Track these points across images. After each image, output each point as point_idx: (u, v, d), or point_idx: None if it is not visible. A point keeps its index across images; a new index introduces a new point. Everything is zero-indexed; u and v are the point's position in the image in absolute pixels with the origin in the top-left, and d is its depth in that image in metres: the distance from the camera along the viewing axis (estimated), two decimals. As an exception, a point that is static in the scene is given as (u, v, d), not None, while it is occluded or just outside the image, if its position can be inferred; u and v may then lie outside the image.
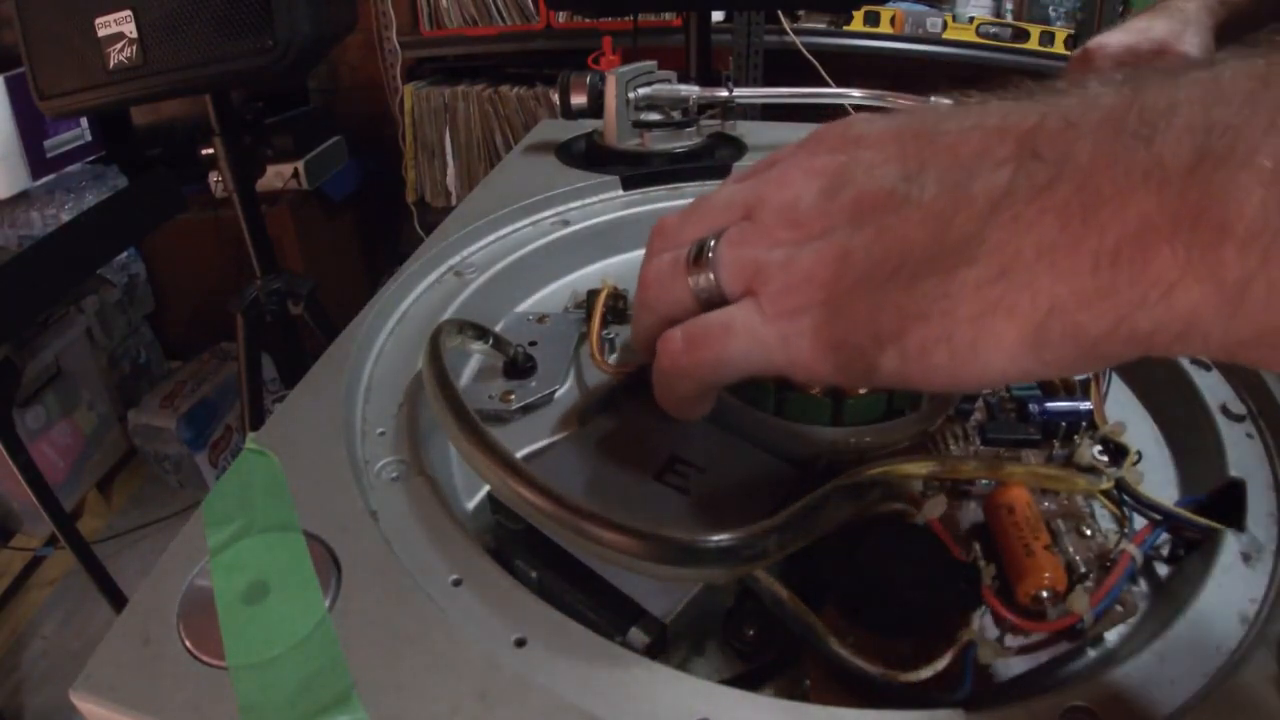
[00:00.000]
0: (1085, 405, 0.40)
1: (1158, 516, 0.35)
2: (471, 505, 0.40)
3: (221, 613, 0.30)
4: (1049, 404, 0.40)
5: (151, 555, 1.25)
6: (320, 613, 0.30)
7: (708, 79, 0.86)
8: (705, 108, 0.77)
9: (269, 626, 0.30)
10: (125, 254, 1.81)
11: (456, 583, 0.31)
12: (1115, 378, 0.47)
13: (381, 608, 0.30)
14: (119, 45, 0.81)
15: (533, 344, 0.50)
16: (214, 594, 0.31)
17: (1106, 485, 0.35)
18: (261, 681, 0.28)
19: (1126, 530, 0.35)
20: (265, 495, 0.36)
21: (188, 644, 0.29)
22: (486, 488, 0.38)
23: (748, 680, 0.31)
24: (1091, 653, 0.32)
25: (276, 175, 1.82)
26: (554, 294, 0.61)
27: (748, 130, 0.82)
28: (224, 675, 0.28)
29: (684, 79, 0.77)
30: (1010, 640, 0.31)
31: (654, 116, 0.75)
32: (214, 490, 0.36)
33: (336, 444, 0.38)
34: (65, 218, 1.59)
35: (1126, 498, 0.35)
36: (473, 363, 0.50)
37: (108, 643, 0.29)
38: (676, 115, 0.76)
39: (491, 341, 0.46)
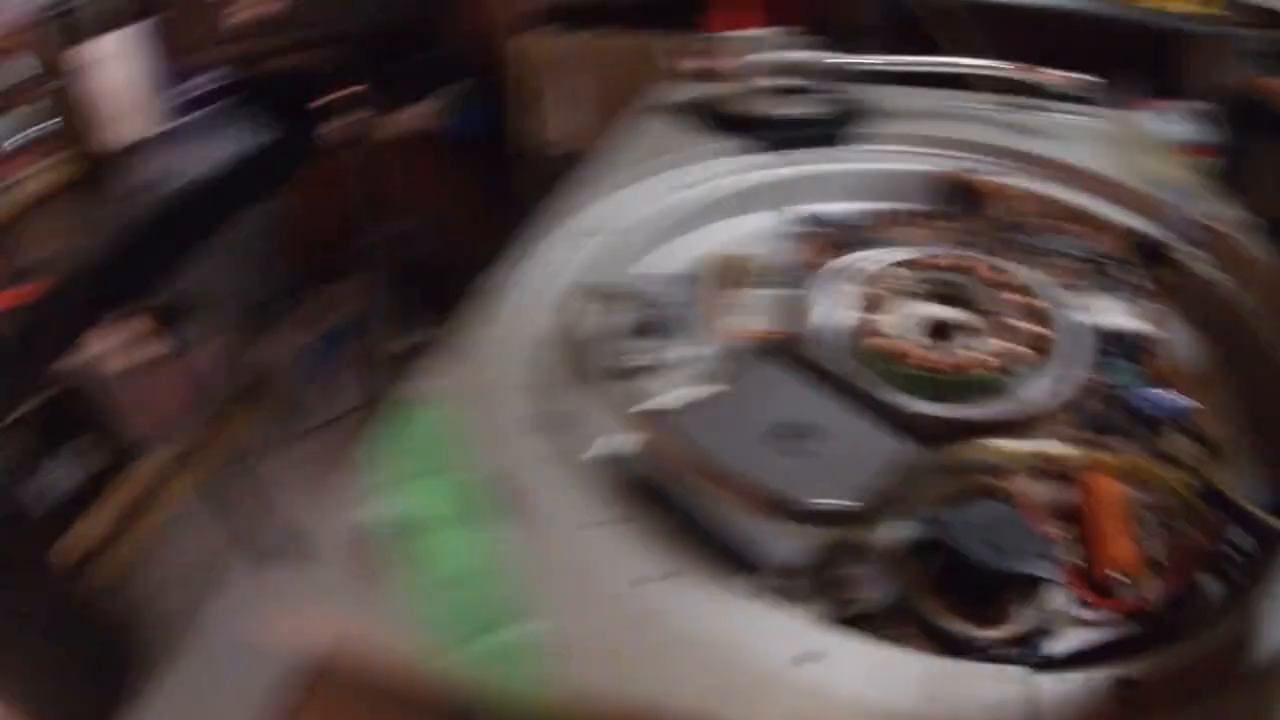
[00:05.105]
0: (1185, 401, 0.42)
1: (1239, 515, 0.37)
2: (609, 453, 0.44)
3: (403, 541, 0.36)
4: (1151, 397, 0.42)
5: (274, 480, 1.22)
6: (492, 546, 0.36)
7: (838, 43, 0.85)
8: (835, 74, 0.77)
9: (445, 554, 0.36)
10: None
11: (603, 524, 0.37)
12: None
13: (539, 543, 0.36)
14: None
15: (663, 305, 0.54)
16: (391, 524, 0.37)
17: (1195, 481, 0.38)
18: (446, 600, 0.34)
19: (1208, 526, 0.37)
20: (426, 440, 0.41)
21: (359, 567, 0.35)
22: (624, 438, 0.43)
23: (848, 625, 0.35)
24: (1153, 634, 0.34)
25: (404, 120, 1.87)
26: (679, 255, 0.62)
27: (878, 96, 0.81)
28: (409, 595, 0.34)
29: (813, 44, 0.76)
30: (1082, 614, 0.34)
31: (783, 81, 0.76)
32: (377, 430, 0.42)
33: (487, 397, 0.44)
34: (199, 165, 1.64)
35: (1213, 495, 0.37)
36: (605, 321, 0.54)
37: (281, 564, 0.36)
38: (806, 81, 0.76)
39: (623, 301, 0.50)
